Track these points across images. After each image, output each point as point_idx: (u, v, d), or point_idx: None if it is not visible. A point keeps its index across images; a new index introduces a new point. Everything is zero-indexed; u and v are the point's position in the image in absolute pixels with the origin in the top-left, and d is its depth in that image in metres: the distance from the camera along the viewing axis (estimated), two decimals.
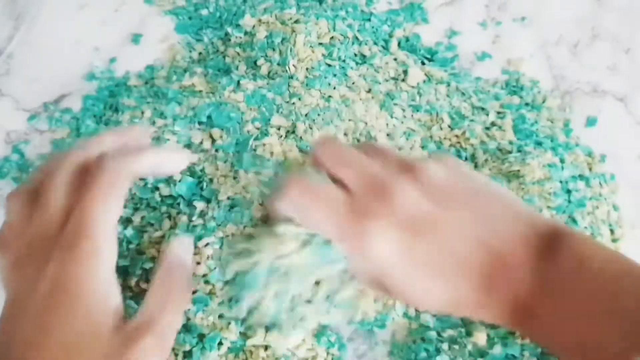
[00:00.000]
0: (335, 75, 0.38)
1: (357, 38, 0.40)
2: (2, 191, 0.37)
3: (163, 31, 0.42)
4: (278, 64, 0.38)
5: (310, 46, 0.38)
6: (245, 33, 0.40)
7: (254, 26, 0.40)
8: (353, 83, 0.38)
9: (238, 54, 0.40)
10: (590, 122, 0.39)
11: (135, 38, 0.41)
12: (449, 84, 0.39)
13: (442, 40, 0.42)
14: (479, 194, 0.27)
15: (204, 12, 0.42)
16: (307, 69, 0.38)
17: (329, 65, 0.38)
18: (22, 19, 0.42)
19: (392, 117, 0.37)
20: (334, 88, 0.38)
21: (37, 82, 0.40)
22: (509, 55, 0.41)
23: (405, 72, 0.39)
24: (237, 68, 0.39)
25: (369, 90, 0.38)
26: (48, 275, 0.24)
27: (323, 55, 0.39)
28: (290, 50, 0.38)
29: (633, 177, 0.37)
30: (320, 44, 0.39)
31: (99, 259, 0.25)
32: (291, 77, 0.37)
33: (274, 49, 0.38)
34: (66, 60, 0.41)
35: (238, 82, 0.38)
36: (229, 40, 0.41)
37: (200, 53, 0.41)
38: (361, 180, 0.26)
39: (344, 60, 0.39)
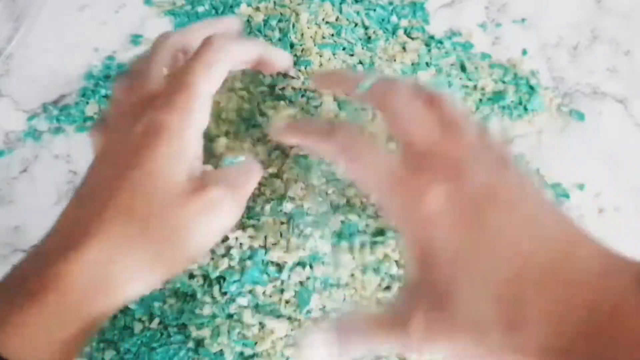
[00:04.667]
0: (344, 48, 0.38)
1: (363, 23, 0.40)
2: (2, 192, 0.37)
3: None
4: (279, 40, 0.37)
5: (316, 24, 0.38)
6: (242, 21, 0.40)
7: (250, 15, 0.40)
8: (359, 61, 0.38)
9: None
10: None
11: (135, 39, 0.41)
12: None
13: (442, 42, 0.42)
14: (556, 207, 0.24)
15: (200, 9, 0.42)
16: (312, 37, 0.37)
17: (336, 42, 0.38)
18: (22, 20, 0.42)
19: None
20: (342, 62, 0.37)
21: (36, 82, 0.40)
22: (508, 56, 0.41)
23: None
24: None
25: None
26: (143, 121, 0.26)
27: (331, 34, 0.38)
28: (293, 26, 0.37)
29: (632, 179, 0.37)
30: (327, 22, 0.39)
31: (191, 115, 0.26)
32: (292, 44, 0.37)
33: (272, 30, 0.38)
34: (66, 61, 0.41)
35: None
36: None
37: None
38: (428, 148, 0.25)
39: (351, 40, 0.39)
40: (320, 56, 0.36)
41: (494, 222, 0.23)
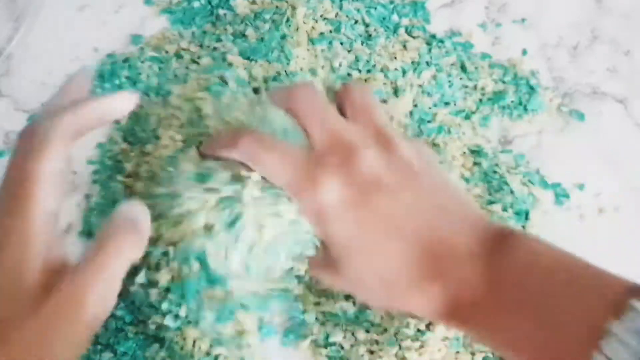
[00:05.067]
0: (342, 43, 0.38)
1: (364, 20, 0.40)
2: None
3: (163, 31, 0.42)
4: (268, 30, 0.37)
5: (314, 19, 0.38)
6: (236, 15, 0.40)
7: (245, 7, 0.40)
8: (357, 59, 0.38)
9: (225, 29, 0.39)
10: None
11: (135, 39, 0.41)
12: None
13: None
14: (439, 184, 0.28)
15: (196, 4, 0.42)
16: (307, 32, 0.37)
17: (334, 38, 0.38)
18: (22, 20, 0.42)
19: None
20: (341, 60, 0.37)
21: (36, 82, 0.40)
22: (508, 56, 0.41)
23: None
24: (219, 39, 0.38)
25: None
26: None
27: (329, 30, 0.38)
28: (287, 20, 0.37)
29: (632, 179, 0.37)
30: (326, 18, 0.38)
31: (30, 206, 0.24)
32: (284, 36, 0.37)
33: (265, 22, 0.38)
34: (65, 61, 0.41)
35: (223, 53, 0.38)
36: (220, 21, 0.40)
37: (189, 41, 0.41)
38: (327, 138, 0.27)
39: (350, 36, 0.39)
40: (310, 50, 0.36)
41: (375, 202, 0.26)
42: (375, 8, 0.41)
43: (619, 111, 0.40)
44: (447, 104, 0.38)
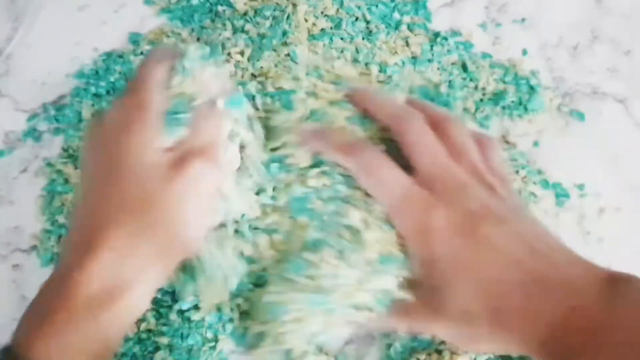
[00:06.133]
0: (342, 38, 0.37)
1: (365, 17, 0.40)
2: (2, 192, 0.37)
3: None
4: (270, 27, 0.37)
5: (315, 16, 0.38)
6: (235, 10, 0.40)
7: (245, 4, 0.40)
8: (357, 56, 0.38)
9: (224, 24, 0.39)
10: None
11: (135, 38, 0.41)
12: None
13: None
14: (538, 223, 0.28)
15: (195, 1, 0.42)
16: (308, 29, 0.37)
17: (334, 34, 0.38)
18: (22, 20, 0.42)
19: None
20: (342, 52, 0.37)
21: (36, 82, 0.40)
22: (509, 56, 0.41)
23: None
24: (219, 28, 0.38)
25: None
26: (115, 117, 0.28)
27: (330, 27, 0.38)
28: (288, 17, 0.37)
29: (632, 179, 0.37)
30: (327, 15, 0.38)
31: (151, 107, 0.28)
32: (285, 32, 0.37)
33: (265, 19, 0.38)
34: (65, 61, 0.41)
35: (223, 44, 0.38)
36: (219, 17, 0.40)
37: (188, 34, 0.41)
38: (438, 172, 0.28)
39: (351, 32, 0.39)
40: (311, 46, 0.36)
41: (485, 233, 0.27)
42: (377, 6, 0.41)
43: (619, 111, 0.40)
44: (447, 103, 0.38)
